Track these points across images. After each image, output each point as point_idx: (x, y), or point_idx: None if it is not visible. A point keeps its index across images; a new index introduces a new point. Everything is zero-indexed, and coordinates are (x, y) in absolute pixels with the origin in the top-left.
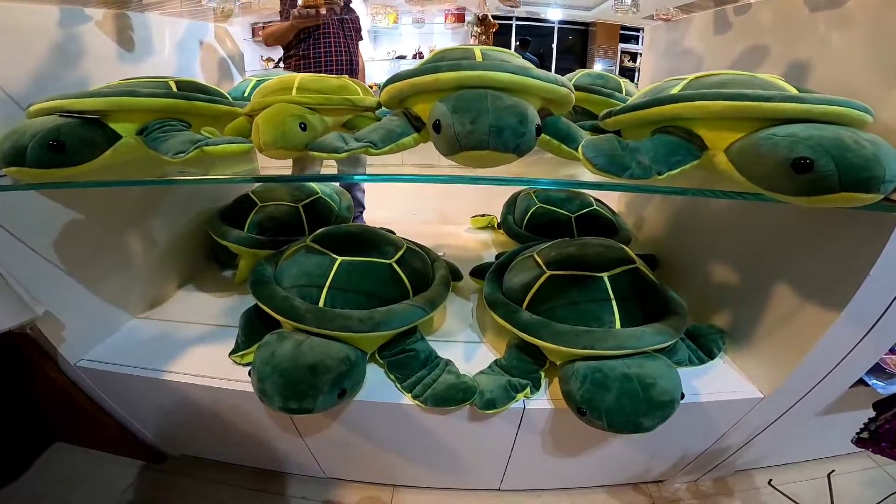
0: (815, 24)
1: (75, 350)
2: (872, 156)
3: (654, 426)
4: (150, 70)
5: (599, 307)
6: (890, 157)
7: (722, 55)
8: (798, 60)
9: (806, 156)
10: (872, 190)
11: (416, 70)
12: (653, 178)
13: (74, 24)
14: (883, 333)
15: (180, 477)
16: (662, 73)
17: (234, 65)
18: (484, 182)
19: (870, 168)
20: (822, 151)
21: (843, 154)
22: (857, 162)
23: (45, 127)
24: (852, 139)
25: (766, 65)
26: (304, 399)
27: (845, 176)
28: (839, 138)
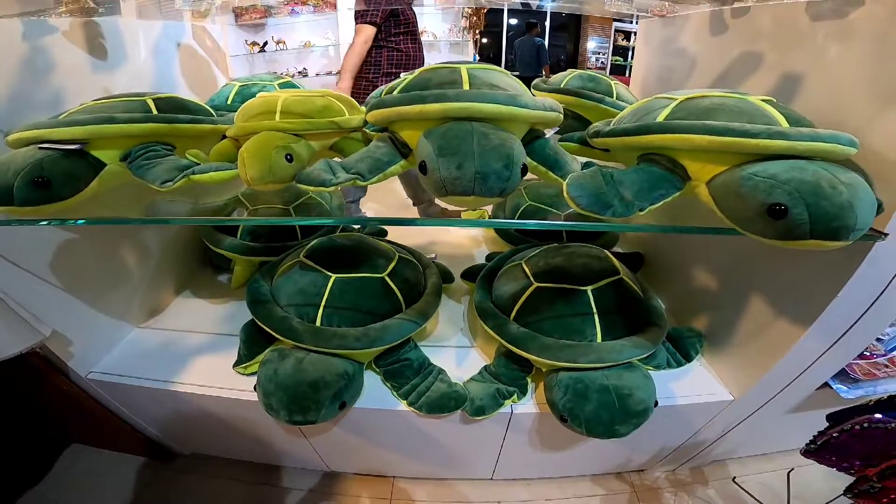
0: (814, 34)
1: (84, 363)
2: (847, 203)
3: (629, 432)
4: (127, 79)
5: (582, 321)
6: (864, 202)
7: (716, 58)
8: (792, 71)
9: (782, 202)
10: (841, 239)
11: (402, 98)
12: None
13: (39, 36)
14: (848, 346)
15: (190, 474)
16: (655, 71)
17: (216, 64)
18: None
19: (842, 217)
20: (798, 198)
21: (818, 202)
22: (830, 210)
23: (26, 162)
24: (830, 184)
25: (759, 72)
26: (308, 412)
27: (817, 224)
28: (817, 183)
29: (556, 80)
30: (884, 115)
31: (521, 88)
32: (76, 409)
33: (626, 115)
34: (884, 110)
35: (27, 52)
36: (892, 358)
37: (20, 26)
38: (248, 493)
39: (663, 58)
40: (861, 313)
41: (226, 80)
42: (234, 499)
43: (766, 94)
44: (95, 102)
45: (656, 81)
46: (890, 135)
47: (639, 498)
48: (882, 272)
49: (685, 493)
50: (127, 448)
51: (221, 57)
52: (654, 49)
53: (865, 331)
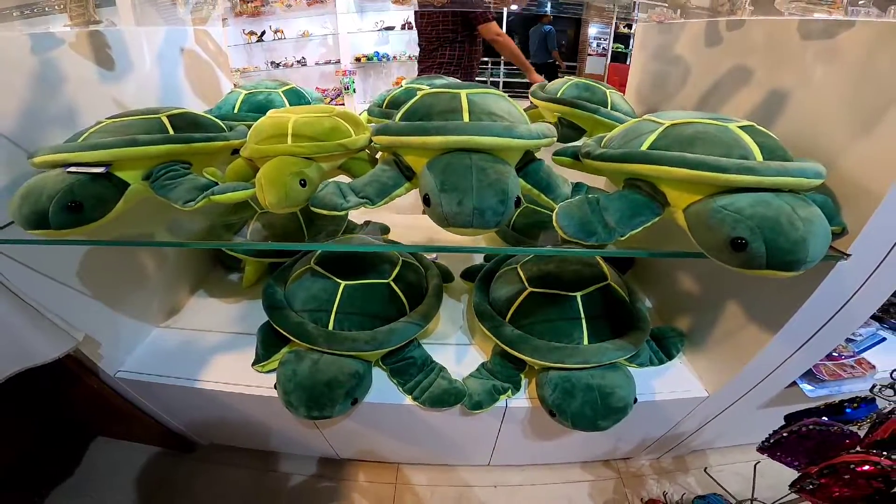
0: (803, 53)
1: (112, 363)
2: (801, 239)
3: (610, 426)
4: (135, 89)
5: (571, 325)
6: (819, 237)
7: (709, 69)
8: (779, 88)
9: (743, 237)
10: (794, 270)
11: (406, 128)
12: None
13: (47, 49)
14: (811, 351)
15: (210, 464)
16: (651, 77)
17: (220, 67)
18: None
19: (795, 252)
20: (758, 233)
21: (776, 238)
22: (785, 246)
23: (58, 188)
24: (789, 220)
25: (748, 88)
26: (324, 409)
27: (773, 258)
28: (777, 219)
29: (553, 88)
30: (857, 142)
31: (517, 113)
32: (103, 405)
33: (616, 136)
34: (858, 137)
35: (38, 67)
36: (859, 360)
37: (28, 41)
38: (265, 480)
39: (659, 64)
40: (823, 324)
41: (229, 83)
42: (251, 486)
43: (752, 110)
44: (112, 121)
45: (651, 87)
46: (860, 162)
47: (624, 484)
48: (844, 288)
49: (667, 479)
50: (149, 440)
51: (224, 59)
52: (651, 55)
53: (827, 339)
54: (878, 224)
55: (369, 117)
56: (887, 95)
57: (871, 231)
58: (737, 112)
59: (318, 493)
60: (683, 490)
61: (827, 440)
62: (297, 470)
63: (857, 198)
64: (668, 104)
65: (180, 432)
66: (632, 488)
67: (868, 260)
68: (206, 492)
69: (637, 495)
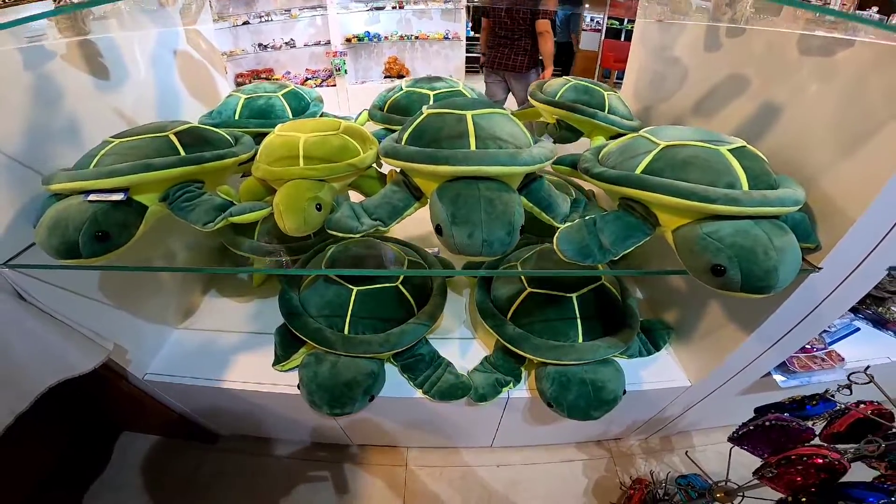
0: (799, 68)
1: (140, 367)
2: (772, 268)
3: (602, 416)
4: (133, 97)
5: (567, 325)
6: (789, 265)
7: (706, 74)
8: (773, 101)
9: (722, 264)
10: (764, 293)
11: (415, 155)
12: None
13: (41, 63)
14: (783, 348)
15: (234, 454)
16: (648, 75)
17: (213, 65)
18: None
19: (766, 279)
20: (735, 262)
21: (750, 267)
22: (758, 273)
23: (83, 218)
24: (764, 250)
25: (743, 98)
26: (345, 406)
27: (746, 284)
28: (753, 249)
29: (552, 89)
30: (839, 164)
31: (520, 133)
32: (134, 405)
33: (613, 150)
34: (840, 159)
35: (34, 82)
36: (829, 352)
37: (20, 56)
38: (286, 466)
39: (657, 63)
40: (794, 325)
41: (225, 81)
42: (275, 472)
43: (745, 120)
44: (121, 142)
45: (648, 86)
46: (839, 183)
47: (615, 462)
48: (815, 296)
49: (654, 459)
50: (176, 433)
51: (218, 58)
52: (650, 52)
53: (798, 337)
54: (849, 243)
55: (371, 120)
56: (871, 122)
57: (841, 249)
58: (730, 121)
59: (336, 476)
60: (669, 469)
61: (786, 433)
62: (314, 456)
63: (832, 216)
64: (664, 105)
65: (204, 425)
66: (622, 466)
67: (838, 272)
68: (232, 479)
69: (627, 473)
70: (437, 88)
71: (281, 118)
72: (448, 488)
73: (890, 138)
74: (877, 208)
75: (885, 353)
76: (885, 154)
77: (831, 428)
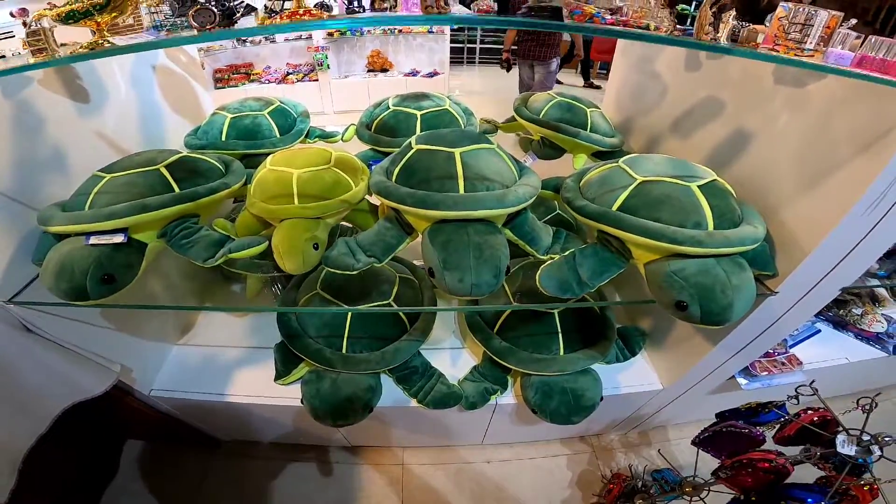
0: (773, 97)
1: (145, 384)
2: (729, 305)
3: (581, 420)
4: (115, 119)
5: (549, 339)
6: (744, 301)
7: (685, 92)
8: (745, 127)
9: (685, 301)
10: (720, 325)
11: (406, 197)
12: None
13: (18, 91)
14: (746, 355)
15: (238, 458)
16: (630, 87)
17: (195, 79)
18: None
19: (722, 314)
20: (696, 299)
21: (708, 304)
22: (715, 310)
23: (87, 262)
24: (722, 288)
25: (717, 121)
26: (347, 419)
27: (704, 318)
28: (712, 288)
29: (537, 106)
30: (799, 198)
31: (506, 170)
32: (139, 416)
33: (593, 181)
34: (801, 192)
35: (13, 111)
36: (789, 357)
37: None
38: (288, 469)
39: (639, 75)
40: (754, 337)
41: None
42: (279, 475)
43: (717, 144)
44: (112, 177)
45: (630, 98)
46: (798, 216)
47: (597, 456)
48: (772, 314)
49: (633, 452)
50: (181, 441)
51: (198, 70)
52: (632, 64)
53: (758, 347)
54: (804, 271)
55: (358, 139)
56: (833, 158)
57: (797, 276)
58: (704, 144)
59: (337, 476)
60: (647, 462)
61: (740, 439)
62: (315, 458)
63: (790, 246)
64: (644, 119)
65: (208, 433)
66: (603, 460)
67: (792, 295)
68: (237, 482)
69: (607, 465)
70: (424, 108)
71: (268, 138)
72: (443, 484)
73: (848, 177)
74: (831, 242)
75: (843, 353)
76: (842, 192)
77: (783, 432)
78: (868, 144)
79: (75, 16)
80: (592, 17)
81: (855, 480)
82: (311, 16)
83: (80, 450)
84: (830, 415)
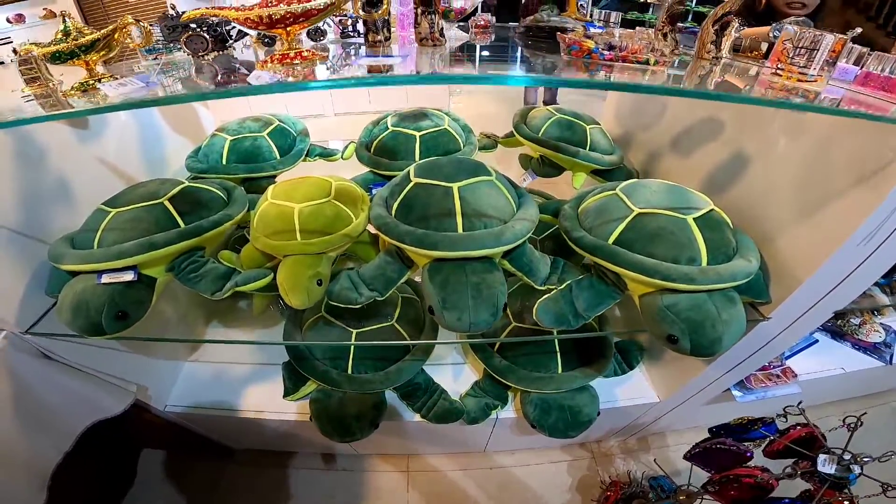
0: (772, 121)
1: (160, 400)
2: (717, 339)
3: (578, 435)
4: (115, 144)
5: (548, 358)
6: (733, 334)
7: (684, 111)
8: (744, 149)
9: (675, 335)
10: (709, 356)
11: (405, 236)
12: None
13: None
14: (740, 371)
15: (250, 466)
16: (629, 104)
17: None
18: None
19: (710, 347)
20: (686, 334)
21: (698, 338)
22: (704, 343)
23: (101, 301)
24: (712, 323)
25: (716, 143)
26: (354, 435)
27: (694, 351)
28: (702, 323)
29: (536, 123)
30: (796, 225)
31: (505, 203)
32: (155, 429)
33: (591, 210)
34: (796, 222)
35: (14, 144)
36: (784, 369)
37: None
38: (297, 476)
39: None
40: (747, 356)
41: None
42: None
43: (715, 167)
44: (118, 212)
45: (629, 113)
46: (793, 245)
47: (596, 462)
48: (765, 336)
49: (632, 458)
50: (195, 450)
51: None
52: None
53: (752, 363)
54: (797, 298)
55: (358, 160)
56: (830, 187)
57: (789, 304)
58: (702, 163)
59: (344, 483)
60: (645, 467)
61: (728, 455)
62: (323, 465)
63: (784, 275)
64: (643, 134)
65: (219, 442)
66: (602, 466)
67: (785, 319)
68: (249, 490)
69: (606, 471)
70: (422, 129)
71: (268, 160)
72: (447, 489)
73: (846, 207)
74: (825, 270)
75: (839, 363)
76: (839, 222)
77: (772, 447)
78: (867, 176)
79: (61, 56)
80: (591, 52)
81: (836, 495)
82: (302, 58)
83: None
84: (817, 431)
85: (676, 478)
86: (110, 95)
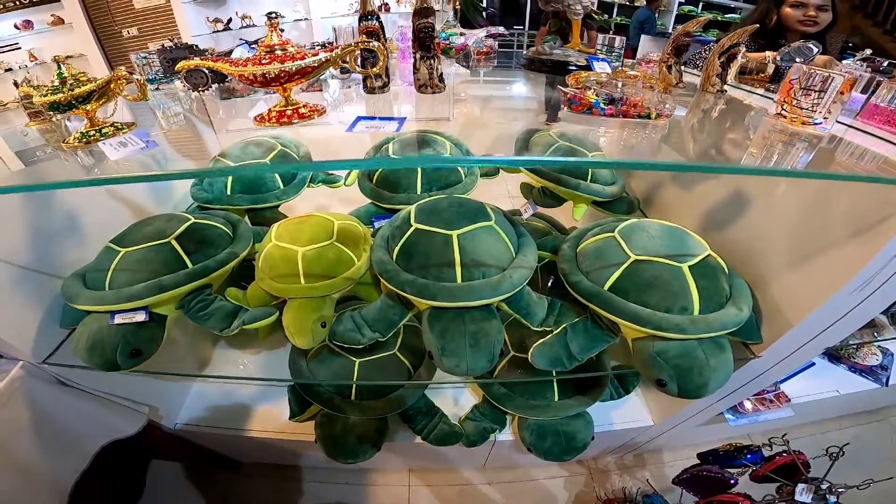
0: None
1: (170, 418)
2: (704, 384)
3: (572, 459)
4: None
5: (544, 386)
6: (719, 380)
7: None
8: (745, 187)
9: (664, 379)
10: (696, 399)
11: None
12: None
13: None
14: (731, 399)
15: (255, 479)
16: None
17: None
18: None
19: (696, 392)
20: (674, 379)
21: (685, 384)
22: (691, 388)
23: (116, 340)
24: (700, 370)
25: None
26: (357, 458)
27: (681, 394)
28: (690, 370)
29: (538, 151)
30: (790, 270)
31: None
32: (165, 445)
33: (589, 252)
34: (790, 267)
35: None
36: (778, 394)
37: None
38: (302, 489)
39: None
40: (738, 387)
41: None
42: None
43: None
44: (126, 252)
45: None
46: (786, 290)
47: (593, 478)
48: (755, 371)
49: (628, 474)
50: (202, 462)
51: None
52: None
53: (742, 394)
54: (787, 340)
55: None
56: (826, 238)
57: (780, 344)
58: (701, 199)
59: (347, 497)
60: (640, 484)
61: (714, 482)
62: (326, 479)
63: (775, 318)
64: None
65: (226, 455)
66: (599, 482)
67: (774, 357)
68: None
69: (602, 488)
70: None
71: (272, 190)
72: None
73: (841, 258)
74: (817, 315)
75: (835, 385)
76: (833, 272)
77: (760, 471)
78: (864, 228)
79: (59, 107)
80: (591, 107)
81: None
82: (300, 117)
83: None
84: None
85: (670, 495)
86: (111, 159)
